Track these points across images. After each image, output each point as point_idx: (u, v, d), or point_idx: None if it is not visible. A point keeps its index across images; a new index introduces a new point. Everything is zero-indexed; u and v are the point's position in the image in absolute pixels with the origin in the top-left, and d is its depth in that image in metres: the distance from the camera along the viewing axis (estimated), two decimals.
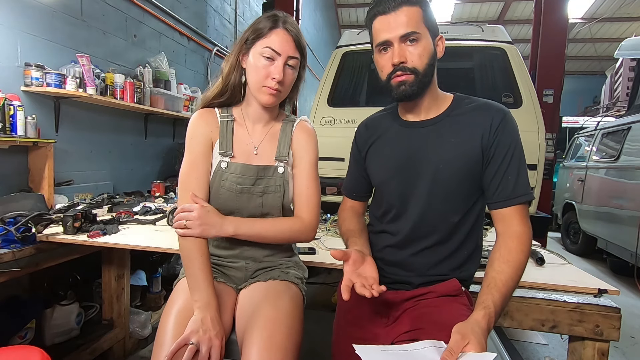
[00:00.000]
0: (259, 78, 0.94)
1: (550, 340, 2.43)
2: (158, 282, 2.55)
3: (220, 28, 4.41)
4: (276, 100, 0.97)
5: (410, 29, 0.84)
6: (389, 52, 0.87)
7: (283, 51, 0.93)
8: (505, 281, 0.79)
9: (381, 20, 0.87)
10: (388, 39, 0.85)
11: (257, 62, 0.93)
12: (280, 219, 1.00)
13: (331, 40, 9.88)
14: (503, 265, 0.81)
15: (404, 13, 0.84)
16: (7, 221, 1.40)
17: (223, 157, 0.99)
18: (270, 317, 0.88)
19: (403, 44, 0.85)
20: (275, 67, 0.93)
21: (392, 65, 0.86)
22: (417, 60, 0.85)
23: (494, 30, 2.45)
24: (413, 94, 0.88)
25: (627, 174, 3.59)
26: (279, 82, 0.93)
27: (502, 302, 0.78)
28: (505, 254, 0.83)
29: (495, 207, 0.87)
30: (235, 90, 1.03)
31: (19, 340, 1.66)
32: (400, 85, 0.87)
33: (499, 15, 9.58)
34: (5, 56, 1.89)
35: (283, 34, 0.94)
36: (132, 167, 2.91)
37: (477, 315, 0.75)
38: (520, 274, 0.82)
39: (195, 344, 0.80)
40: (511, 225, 0.85)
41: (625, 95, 5.97)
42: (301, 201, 1.01)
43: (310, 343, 1.12)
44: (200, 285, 0.88)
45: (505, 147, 0.86)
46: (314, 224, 1.01)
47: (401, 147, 0.94)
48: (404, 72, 0.86)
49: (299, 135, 1.05)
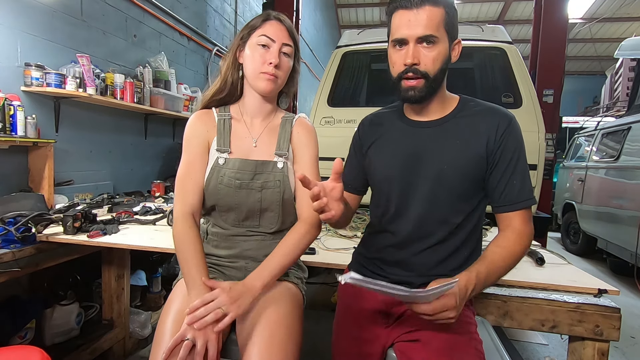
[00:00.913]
0: (256, 65, 0.96)
1: (550, 340, 2.43)
2: (158, 282, 2.55)
3: (220, 28, 4.41)
4: (274, 87, 0.98)
5: (429, 31, 0.82)
6: (404, 50, 0.85)
7: (277, 38, 0.96)
8: (495, 260, 0.82)
9: (401, 14, 0.85)
10: (405, 36, 0.84)
11: (254, 52, 0.97)
12: (288, 240, 0.97)
13: (331, 40, 9.88)
14: (496, 249, 0.84)
15: (426, 12, 0.82)
16: (7, 221, 1.40)
17: (220, 154, 1.00)
18: (271, 318, 0.88)
19: (419, 45, 0.84)
20: (270, 52, 0.96)
21: (404, 64, 0.85)
22: (430, 64, 0.84)
23: (494, 30, 2.45)
24: (421, 99, 0.88)
25: (627, 174, 3.59)
26: (275, 67, 0.95)
27: (486, 275, 0.79)
28: (501, 242, 0.86)
29: (500, 211, 0.88)
30: (234, 86, 1.04)
31: (19, 340, 1.66)
32: (409, 90, 0.86)
33: (499, 15, 9.58)
34: (5, 56, 1.89)
35: (276, 23, 0.98)
36: (132, 167, 2.91)
37: (458, 276, 0.77)
38: (511, 262, 0.84)
39: (191, 340, 0.79)
40: (514, 225, 0.87)
41: (625, 95, 5.97)
42: (303, 197, 1.01)
43: (310, 343, 1.12)
44: (196, 283, 0.88)
45: (510, 152, 0.86)
46: (318, 220, 1.00)
47: (405, 146, 0.94)
48: (415, 74, 0.85)
49: (298, 131, 1.05)
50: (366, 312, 0.96)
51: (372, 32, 2.58)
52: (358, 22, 10.88)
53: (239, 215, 1.01)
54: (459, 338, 0.84)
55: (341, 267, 1.26)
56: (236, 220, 1.02)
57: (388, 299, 0.94)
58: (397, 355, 0.89)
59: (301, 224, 1.00)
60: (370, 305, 0.96)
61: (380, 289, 0.69)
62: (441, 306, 0.72)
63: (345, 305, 1.04)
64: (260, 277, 0.90)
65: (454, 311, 0.73)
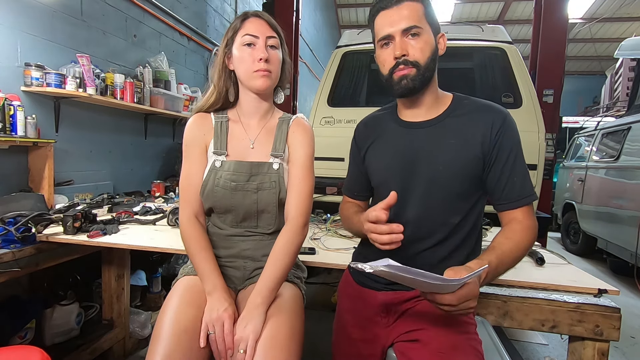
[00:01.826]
0: (247, 66, 0.97)
1: (550, 340, 2.43)
2: (158, 282, 2.55)
3: (220, 28, 4.41)
4: (270, 83, 0.99)
5: (412, 22, 0.84)
6: (391, 47, 0.87)
7: (260, 33, 0.97)
8: (504, 250, 0.80)
9: (383, 15, 0.87)
10: (390, 33, 0.86)
11: (241, 53, 0.98)
12: (278, 249, 0.97)
13: (331, 40, 9.89)
14: (504, 240, 0.83)
15: (405, 8, 0.85)
16: (7, 221, 1.40)
17: (217, 156, 1.01)
18: (272, 318, 0.89)
19: (405, 38, 0.85)
20: (257, 49, 0.97)
21: (394, 58, 0.86)
22: (419, 53, 0.85)
23: (494, 30, 2.45)
24: (415, 88, 0.87)
25: (627, 174, 3.59)
26: (266, 62, 0.96)
27: (497, 265, 0.78)
28: (508, 233, 0.85)
29: (503, 209, 0.88)
30: (229, 94, 1.05)
31: (19, 340, 1.66)
32: (402, 79, 0.87)
33: (499, 15, 9.58)
34: (5, 56, 1.89)
35: (255, 20, 0.99)
36: (132, 167, 2.91)
37: (470, 263, 0.75)
38: (520, 252, 0.83)
39: (212, 332, 0.86)
40: (518, 218, 0.87)
41: (625, 95, 5.97)
42: (292, 197, 1.01)
43: (310, 343, 1.12)
44: (206, 273, 0.93)
45: (508, 150, 0.86)
46: (303, 221, 1.00)
47: (400, 147, 0.94)
48: (406, 65, 0.85)
49: (295, 130, 1.05)
50: (366, 312, 0.96)
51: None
52: (358, 22, 10.88)
53: (237, 217, 1.01)
54: (458, 338, 0.84)
55: (341, 267, 1.26)
56: (234, 221, 1.02)
57: (388, 299, 0.94)
58: (397, 356, 0.89)
59: (289, 227, 0.99)
60: (370, 306, 0.96)
61: (409, 276, 0.65)
62: (465, 294, 0.69)
63: (345, 305, 1.04)
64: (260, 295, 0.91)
65: (476, 300, 0.71)
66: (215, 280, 0.92)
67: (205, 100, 1.06)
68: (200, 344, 0.85)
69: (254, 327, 0.85)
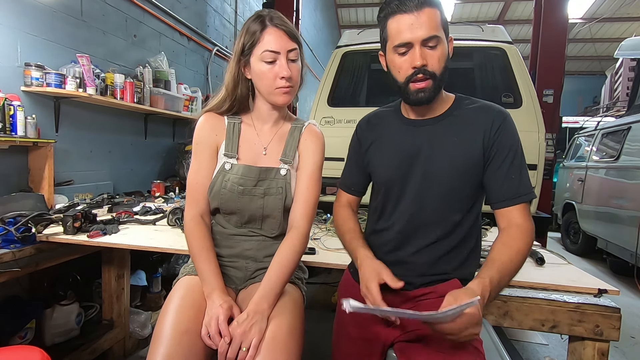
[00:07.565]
0: (268, 82, 0.95)
1: (550, 340, 2.43)
2: (158, 282, 2.55)
3: (220, 28, 4.41)
4: (291, 98, 0.99)
5: (432, 32, 0.83)
6: (409, 55, 0.85)
7: (281, 48, 0.93)
8: (504, 262, 0.80)
9: (401, 19, 0.84)
10: (410, 40, 0.83)
11: (262, 68, 0.94)
12: (281, 255, 0.97)
13: (331, 40, 9.88)
14: (503, 248, 0.83)
15: (425, 14, 0.82)
16: (7, 221, 1.40)
17: (228, 159, 1.00)
18: (272, 318, 0.89)
19: (424, 47, 0.84)
20: (279, 66, 0.93)
21: (412, 68, 0.85)
22: (436, 64, 0.85)
23: (494, 30, 2.45)
24: (429, 99, 0.88)
25: (627, 174, 3.59)
26: (288, 79, 0.94)
27: (499, 280, 0.77)
28: (506, 240, 0.84)
29: (499, 207, 0.88)
30: (243, 101, 1.04)
31: (19, 340, 1.66)
32: (419, 92, 0.86)
33: (499, 15, 9.58)
34: (5, 56, 1.89)
35: (274, 31, 0.94)
36: (132, 167, 2.91)
37: (471, 284, 0.75)
38: (519, 260, 0.82)
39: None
40: (514, 220, 0.86)
41: (625, 95, 5.97)
42: (298, 201, 1.01)
43: (310, 343, 1.12)
44: (206, 274, 0.93)
45: (506, 148, 0.87)
46: (308, 228, 1.02)
47: (403, 144, 0.95)
48: (425, 75, 0.85)
49: (306, 137, 1.06)
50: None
51: (372, 32, 2.57)
52: (358, 22, 10.87)
53: (241, 218, 1.02)
54: None
55: (341, 267, 1.26)
56: (238, 222, 1.03)
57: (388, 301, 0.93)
58: (397, 355, 0.89)
59: (294, 233, 0.99)
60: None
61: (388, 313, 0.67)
62: (467, 322, 0.69)
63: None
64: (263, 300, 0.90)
65: (479, 326, 0.70)
66: (214, 282, 0.92)
67: (218, 105, 1.03)
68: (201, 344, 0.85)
69: (259, 328, 0.85)
